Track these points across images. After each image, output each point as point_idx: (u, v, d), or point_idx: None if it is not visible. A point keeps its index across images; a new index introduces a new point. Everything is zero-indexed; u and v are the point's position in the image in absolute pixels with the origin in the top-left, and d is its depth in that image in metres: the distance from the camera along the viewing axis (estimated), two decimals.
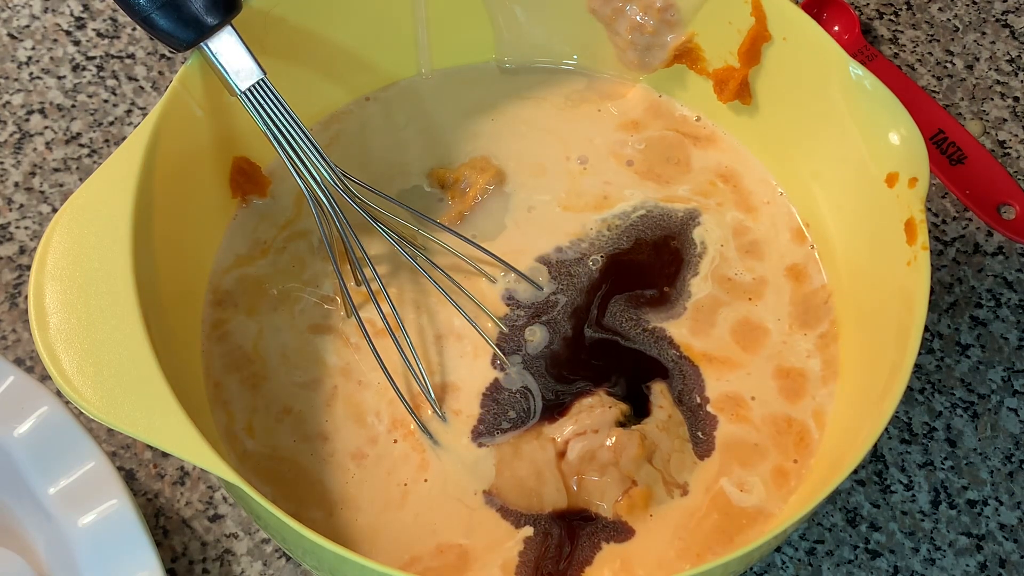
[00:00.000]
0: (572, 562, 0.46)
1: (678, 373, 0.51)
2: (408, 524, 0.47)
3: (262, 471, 0.48)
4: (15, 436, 0.47)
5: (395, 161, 0.56)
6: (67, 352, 0.41)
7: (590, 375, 0.50)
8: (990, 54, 0.66)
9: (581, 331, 0.52)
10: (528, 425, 0.49)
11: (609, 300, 0.52)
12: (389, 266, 0.53)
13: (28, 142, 0.59)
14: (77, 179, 0.58)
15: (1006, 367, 0.56)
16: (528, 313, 0.52)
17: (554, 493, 0.47)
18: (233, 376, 0.50)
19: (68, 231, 0.43)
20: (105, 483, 0.46)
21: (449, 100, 0.58)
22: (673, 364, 0.51)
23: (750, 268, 0.54)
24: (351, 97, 0.58)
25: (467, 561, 0.46)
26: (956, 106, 0.64)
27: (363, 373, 0.50)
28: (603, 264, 0.53)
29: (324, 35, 0.55)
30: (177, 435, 0.40)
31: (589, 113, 0.58)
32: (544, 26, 0.58)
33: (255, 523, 0.49)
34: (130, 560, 0.45)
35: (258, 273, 0.53)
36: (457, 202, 0.55)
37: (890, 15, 0.67)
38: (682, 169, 0.56)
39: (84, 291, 0.42)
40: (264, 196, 0.54)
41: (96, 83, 0.61)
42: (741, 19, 0.52)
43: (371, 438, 0.49)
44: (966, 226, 0.60)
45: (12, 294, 0.55)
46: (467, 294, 0.51)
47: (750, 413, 0.50)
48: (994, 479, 0.53)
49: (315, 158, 0.49)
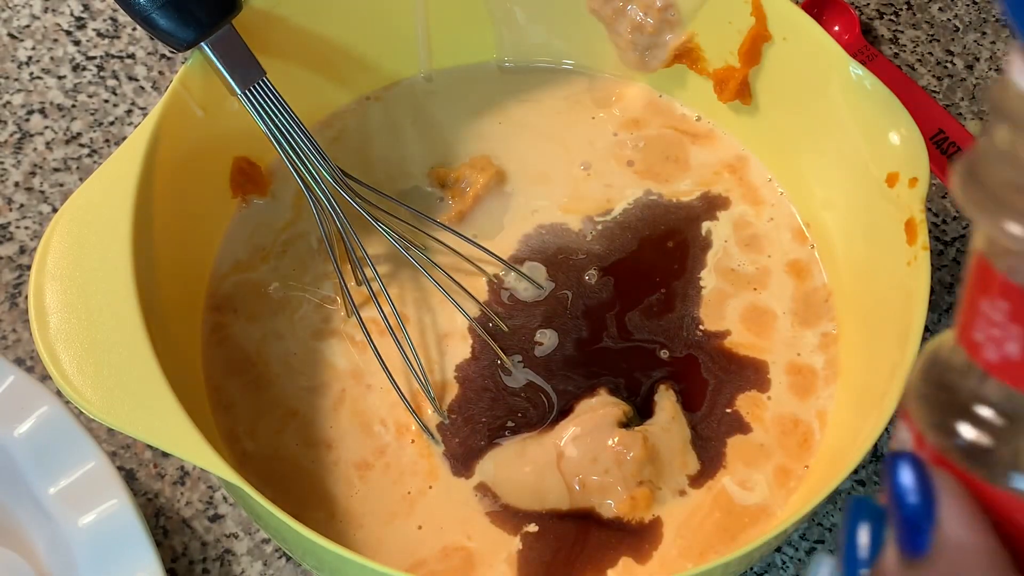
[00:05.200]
0: (575, 562, 0.46)
1: (681, 373, 0.51)
2: (412, 529, 0.47)
3: (263, 473, 0.48)
4: (15, 436, 0.47)
5: (395, 161, 0.56)
6: (67, 352, 0.41)
7: (593, 375, 0.50)
8: (990, 54, 0.66)
9: (583, 331, 0.52)
10: (531, 425, 0.49)
11: (611, 299, 0.52)
12: (390, 266, 0.53)
13: (28, 142, 0.59)
14: (77, 179, 0.58)
15: None
16: (529, 312, 0.52)
17: (557, 494, 0.47)
18: (234, 380, 0.50)
19: (68, 231, 0.43)
20: (105, 483, 0.46)
21: (449, 100, 0.58)
22: (677, 363, 0.51)
23: (753, 261, 0.54)
24: (351, 97, 0.58)
25: (472, 564, 0.46)
26: (956, 106, 0.64)
27: (372, 375, 0.50)
28: (604, 264, 0.53)
29: (324, 35, 0.55)
30: (177, 435, 0.40)
31: (589, 113, 0.58)
32: (544, 26, 0.58)
33: (255, 523, 0.49)
34: (130, 560, 0.45)
35: (258, 278, 0.52)
36: (457, 202, 0.55)
37: (890, 15, 0.67)
38: (681, 167, 0.56)
39: (84, 291, 0.42)
40: (264, 196, 0.54)
41: (96, 83, 0.61)
42: (741, 19, 0.52)
43: (377, 448, 0.48)
44: (966, 226, 0.60)
45: (12, 294, 0.55)
46: (468, 293, 0.51)
47: (764, 413, 0.50)
48: None
49: (315, 158, 0.49)
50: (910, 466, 0.26)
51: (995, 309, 0.25)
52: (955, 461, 0.26)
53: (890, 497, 0.26)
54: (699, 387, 0.50)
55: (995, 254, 0.25)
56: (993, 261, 0.25)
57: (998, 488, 0.25)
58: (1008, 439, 0.25)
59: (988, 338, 0.25)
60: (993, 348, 0.25)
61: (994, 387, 0.25)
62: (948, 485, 0.26)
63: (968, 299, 0.26)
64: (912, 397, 0.27)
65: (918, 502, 0.26)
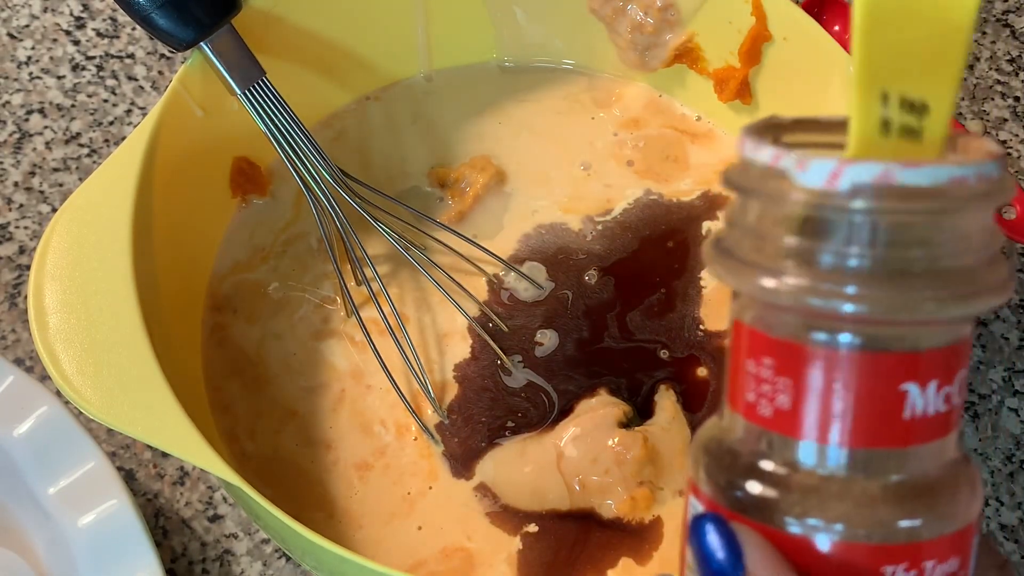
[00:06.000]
0: (575, 563, 0.46)
1: (682, 373, 0.51)
2: (412, 529, 0.47)
3: (263, 473, 0.48)
4: (15, 436, 0.47)
5: (395, 160, 0.56)
6: (67, 352, 0.41)
7: (593, 375, 0.50)
8: (990, 54, 0.65)
9: (584, 331, 0.52)
10: (531, 426, 0.49)
11: (611, 299, 0.52)
12: (389, 265, 0.53)
13: (28, 142, 0.59)
14: (77, 179, 0.58)
15: (1007, 367, 0.56)
16: (529, 313, 0.52)
17: (557, 494, 0.47)
18: (234, 380, 0.50)
19: (68, 231, 0.43)
20: (105, 483, 0.46)
21: (449, 100, 0.58)
22: (677, 363, 0.51)
23: None
24: (351, 97, 0.58)
25: (472, 564, 0.46)
26: (956, 106, 0.64)
27: (371, 375, 0.50)
28: (604, 264, 0.53)
29: (324, 35, 0.55)
30: (177, 435, 0.40)
31: (589, 113, 0.58)
32: (544, 26, 0.58)
33: (255, 524, 0.49)
34: (130, 560, 0.45)
35: (258, 278, 0.52)
36: (457, 201, 0.55)
37: None
38: (681, 167, 0.56)
39: (84, 291, 0.42)
40: (264, 196, 0.54)
41: (96, 83, 0.61)
42: (741, 19, 0.52)
43: (377, 448, 0.48)
44: None
45: (12, 294, 0.55)
46: (468, 293, 0.51)
47: None
48: (995, 479, 0.53)
49: (315, 158, 0.49)
50: (713, 525, 0.28)
51: (762, 367, 0.27)
52: (749, 517, 0.27)
53: (698, 559, 0.28)
54: (700, 387, 0.50)
55: (755, 317, 0.28)
56: (754, 323, 0.27)
57: (789, 534, 0.27)
58: (792, 486, 0.27)
59: (759, 395, 0.27)
60: (766, 403, 0.27)
61: (772, 440, 0.27)
62: (749, 537, 0.27)
63: (735, 365, 0.28)
64: (696, 471, 0.29)
65: (725, 557, 0.27)
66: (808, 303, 0.26)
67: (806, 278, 0.26)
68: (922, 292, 0.26)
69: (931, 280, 0.26)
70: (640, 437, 0.47)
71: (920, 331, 0.27)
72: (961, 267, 0.26)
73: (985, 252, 0.27)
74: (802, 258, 0.26)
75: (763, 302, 0.27)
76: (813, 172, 0.25)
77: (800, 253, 0.26)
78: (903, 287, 0.26)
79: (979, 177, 0.26)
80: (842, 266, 0.26)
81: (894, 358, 0.26)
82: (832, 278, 0.26)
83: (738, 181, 0.28)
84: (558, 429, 0.48)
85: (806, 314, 0.26)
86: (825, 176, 0.25)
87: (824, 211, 0.26)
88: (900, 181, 0.25)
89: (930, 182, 0.25)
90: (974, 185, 0.26)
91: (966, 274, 0.26)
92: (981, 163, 0.26)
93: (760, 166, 0.27)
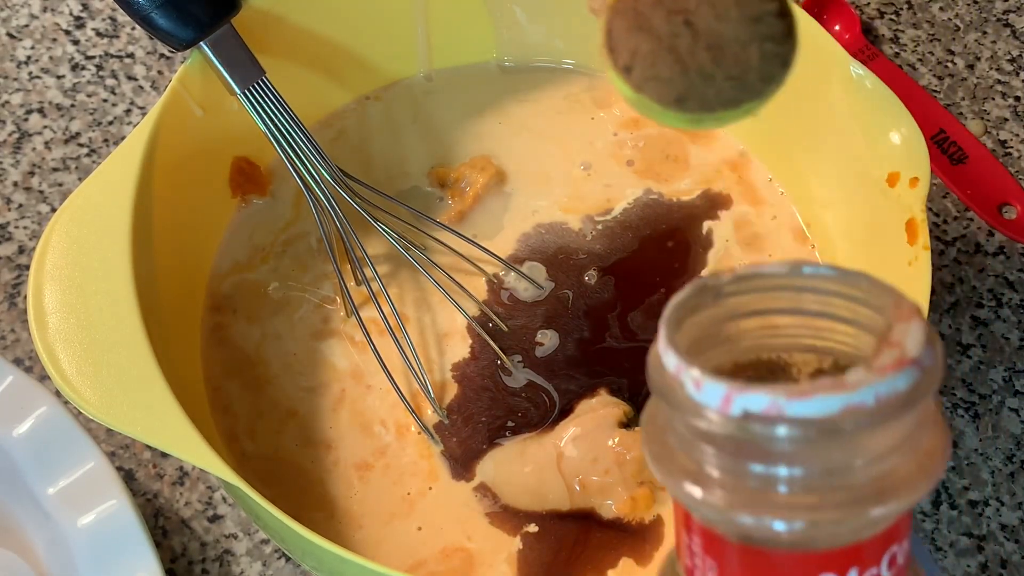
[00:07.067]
0: (576, 563, 0.46)
1: None
2: (412, 529, 0.47)
3: (262, 473, 0.47)
4: (14, 436, 0.47)
5: (395, 160, 0.56)
6: (66, 352, 0.41)
7: (594, 375, 0.50)
8: (991, 53, 0.65)
9: (584, 331, 0.51)
10: (531, 426, 0.49)
11: (612, 299, 0.52)
12: (389, 266, 0.53)
13: (27, 142, 0.59)
14: (76, 179, 0.58)
15: (1007, 367, 0.56)
16: (529, 313, 0.52)
17: (557, 494, 0.47)
18: (234, 380, 0.50)
19: (67, 231, 0.43)
20: (104, 483, 0.46)
21: (449, 100, 0.58)
22: None
23: (754, 260, 0.54)
24: (351, 97, 0.58)
25: (472, 564, 0.46)
26: (957, 105, 0.64)
27: (371, 375, 0.50)
28: (604, 263, 0.53)
29: (324, 35, 0.55)
30: (176, 435, 0.40)
31: (589, 113, 0.58)
32: (544, 26, 0.58)
33: (254, 524, 0.49)
34: (129, 560, 0.45)
35: (258, 278, 0.52)
36: (457, 201, 0.55)
37: (891, 14, 0.67)
38: (681, 166, 0.56)
39: (83, 291, 0.42)
40: (264, 196, 0.54)
41: (95, 82, 0.61)
42: None
43: (377, 449, 0.48)
44: (967, 226, 0.60)
45: (11, 294, 0.55)
46: (468, 293, 0.51)
47: None
48: (995, 479, 0.53)
49: (315, 158, 0.49)
50: None
51: (693, 543, 0.28)
52: None
53: None
54: None
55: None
56: (684, 504, 0.27)
57: None
58: None
59: (693, 566, 0.28)
60: (700, 574, 0.28)
61: None
62: None
63: (676, 531, 0.29)
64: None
65: None
66: (731, 516, 0.26)
67: (726, 490, 0.25)
68: (836, 509, 0.25)
69: (848, 492, 0.25)
70: (640, 437, 0.47)
71: (835, 533, 0.26)
72: (874, 474, 0.25)
73: (905, 452, 0.25)
74: (722, 469, 0.26)
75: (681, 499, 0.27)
76: (707, 393, 0.25)
77: (717, 465, 0.26)
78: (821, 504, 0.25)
79: (879, 400, 0.24)
80: (748, 484, 0.25)
81: (812, 556, 0.26)
82: (754, 496, 0.25)
83: (657, 382, 0.27)
84: (558, 429, 0.48)
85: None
86: (719, 400, 0.25)
87: (725, 430, 0.25)
88: (789, 413, 0.24)
89: (821, 413, 0.24)
90: (872, 409, 0.24)
91: (880, 480, 0.25)
92: (889, 378, 0.24)
93: (667, 371, 0.26)
